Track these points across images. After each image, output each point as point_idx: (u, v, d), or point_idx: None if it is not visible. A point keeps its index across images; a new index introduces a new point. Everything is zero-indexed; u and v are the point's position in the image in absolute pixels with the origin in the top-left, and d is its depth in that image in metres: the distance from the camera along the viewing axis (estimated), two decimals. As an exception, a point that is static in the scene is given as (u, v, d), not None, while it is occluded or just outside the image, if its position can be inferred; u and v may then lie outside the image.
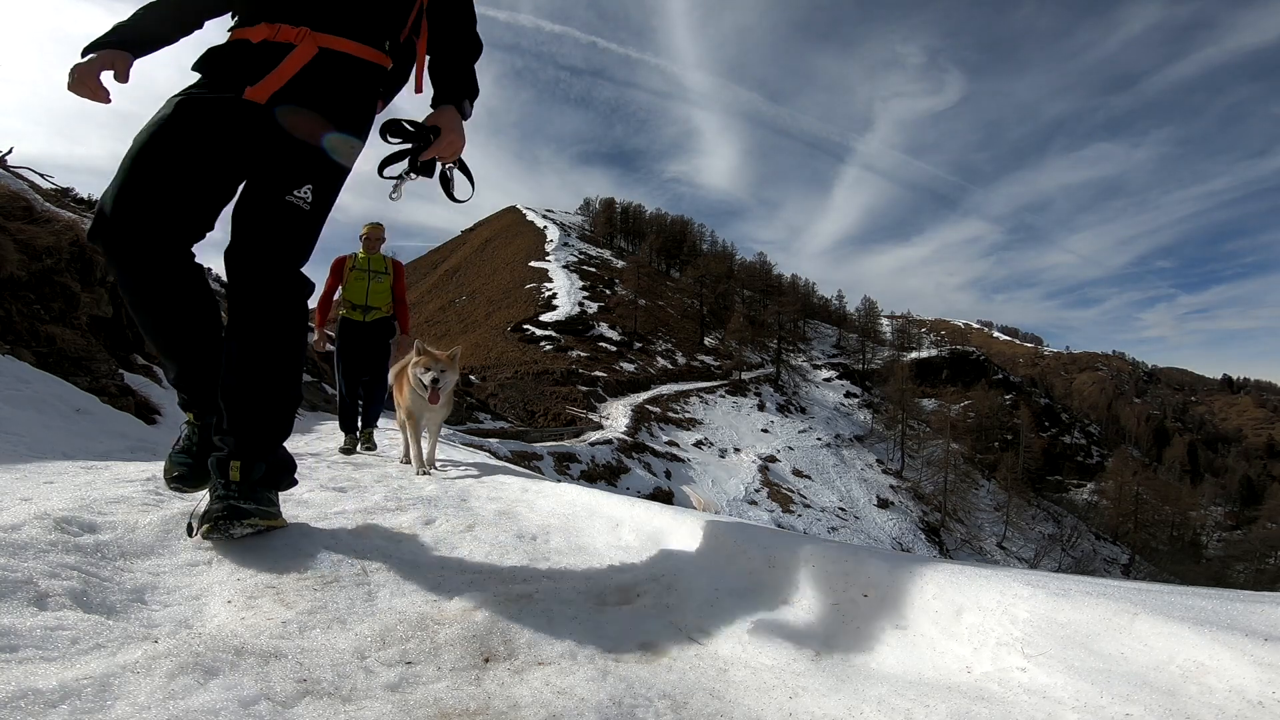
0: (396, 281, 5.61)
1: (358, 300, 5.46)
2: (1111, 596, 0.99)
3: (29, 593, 1.11)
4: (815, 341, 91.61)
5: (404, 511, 2.48)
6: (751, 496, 35.69)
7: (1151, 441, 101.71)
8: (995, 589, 1.09)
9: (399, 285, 5.62)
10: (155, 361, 7.62)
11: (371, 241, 5.60)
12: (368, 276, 5.51)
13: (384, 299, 5.54)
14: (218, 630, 1.11)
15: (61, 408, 4.90)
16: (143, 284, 1.65)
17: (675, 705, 0.94)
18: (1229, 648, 0.81)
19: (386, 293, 5.56)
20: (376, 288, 5.50)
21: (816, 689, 0.98)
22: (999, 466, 57.36)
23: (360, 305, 5.46)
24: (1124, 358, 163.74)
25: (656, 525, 2.03)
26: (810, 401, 62.99)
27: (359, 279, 5.48)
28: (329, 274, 5.58)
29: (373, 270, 5.53)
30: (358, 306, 5.46)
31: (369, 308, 5.48)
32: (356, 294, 5.46)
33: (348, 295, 5.46)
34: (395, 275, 5.60)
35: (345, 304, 5.47)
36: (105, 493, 2.06)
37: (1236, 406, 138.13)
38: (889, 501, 44.49)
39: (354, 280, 5.47)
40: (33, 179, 10.63)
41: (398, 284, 5.62)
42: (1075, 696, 0.85)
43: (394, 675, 0.98)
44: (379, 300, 5.52)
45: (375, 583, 1.47)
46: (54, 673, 0.85)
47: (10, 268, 5.71)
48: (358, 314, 5.48)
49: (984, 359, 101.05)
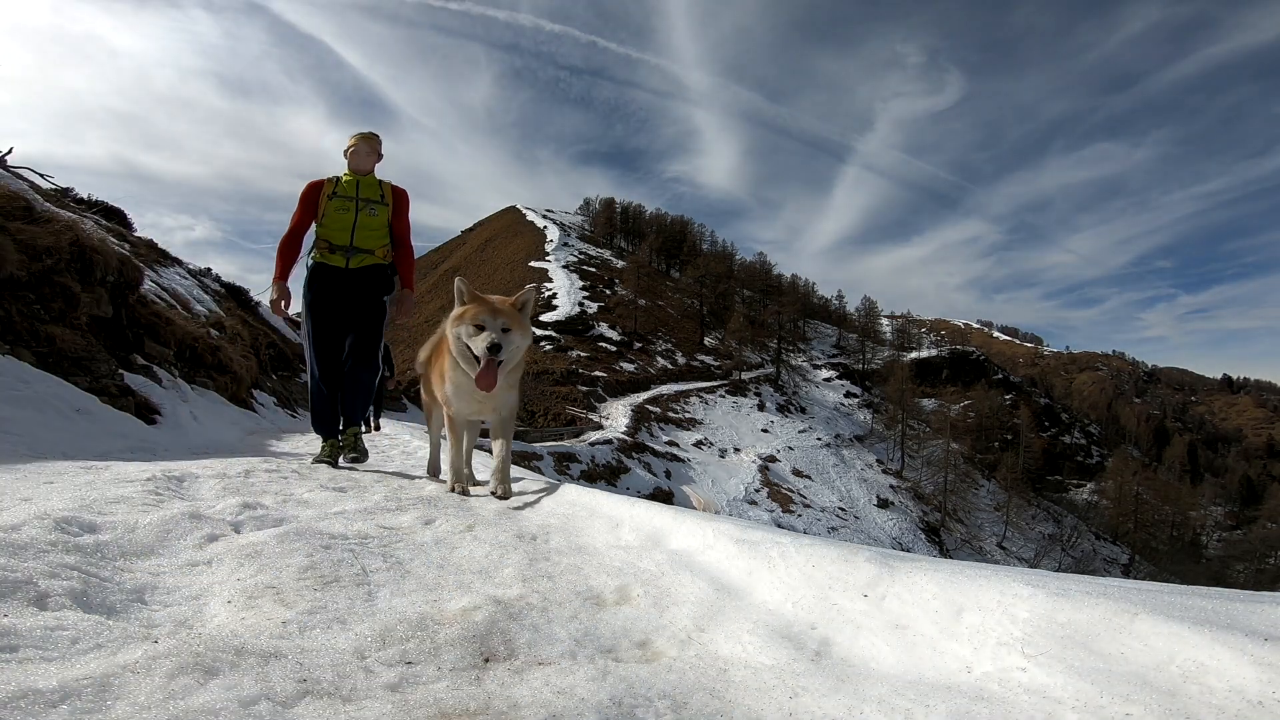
0: (398, 217, 4.05)
1: (339, 239, 3.88)
2: (1111, 596, 0.99)
3: (29, 593, 1.11)
4: (815, 341, 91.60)
5: (404, 511, 2.48)
6: (751, 496, 35.69)
7: (1151, 441, 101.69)
8: (995, 589, 1.09)
9: (401, 222, 4.06)
10: (155, 361, 7.62)
11: (361, 157, 3.98)
12: (355, 206, 3.89)
13: (377, 239, 3.95)
14: (218, 630, 1.11)
15: (61, 408, 4.90)
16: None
17: (675, 705, 0.94)
18: (1229, 648, 0.81)
19: (382, 231, 3.97)
20: (368, 223, 3.91)
21: (816, 689, 0.98)
22: (999, 466, 57.36)
23: (342, 247, 3.87)
24: (1124, 358, 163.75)
25: (656, 525, 2.02)
26: (810, 401, 62.99)
27: (342, 209, 3.88)
28: (298, 204, 3.96)
29: (363, 199, 3.91)
30: (338, 248, 3.87)
31: (354, 249, 3.88)
32: (337, 230, 3.89)
33: (325, 232, 3.91)
34: (396, 208, 4.03)
35: (321, 245, 3.92)
36: (105, 493, 2.06)
37: (1236, 406, 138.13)
38: (889, 501, 44.49)
39: (334, 211, 3.88)
40: (33, 179, 10.64)
41: (399, 220, 4.05)
42: (1075, 696, 0.85)
43: (394, 675, 0.98)
44: (370, 240, 3.92)
45: (375, 583, 1.47)
46: (54, 673, 0.85)
47: (10, 268, 5.71)
48: (337, 258, 3.87)
49: (984, 359, 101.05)
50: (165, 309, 9.46)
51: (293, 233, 3.98)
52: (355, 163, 4.01)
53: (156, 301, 9.40)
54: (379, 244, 3.99)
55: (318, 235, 3.94)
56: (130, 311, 7.69)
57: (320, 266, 3.94)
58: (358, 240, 3.92)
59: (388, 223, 4.04)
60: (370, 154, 4.04)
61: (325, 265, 3.92)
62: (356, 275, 3.94)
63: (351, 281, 3.94)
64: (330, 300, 3.93)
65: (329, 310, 3.93)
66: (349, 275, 3.93)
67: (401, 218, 4.09)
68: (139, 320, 7.96)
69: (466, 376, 2.74)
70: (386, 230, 4.03)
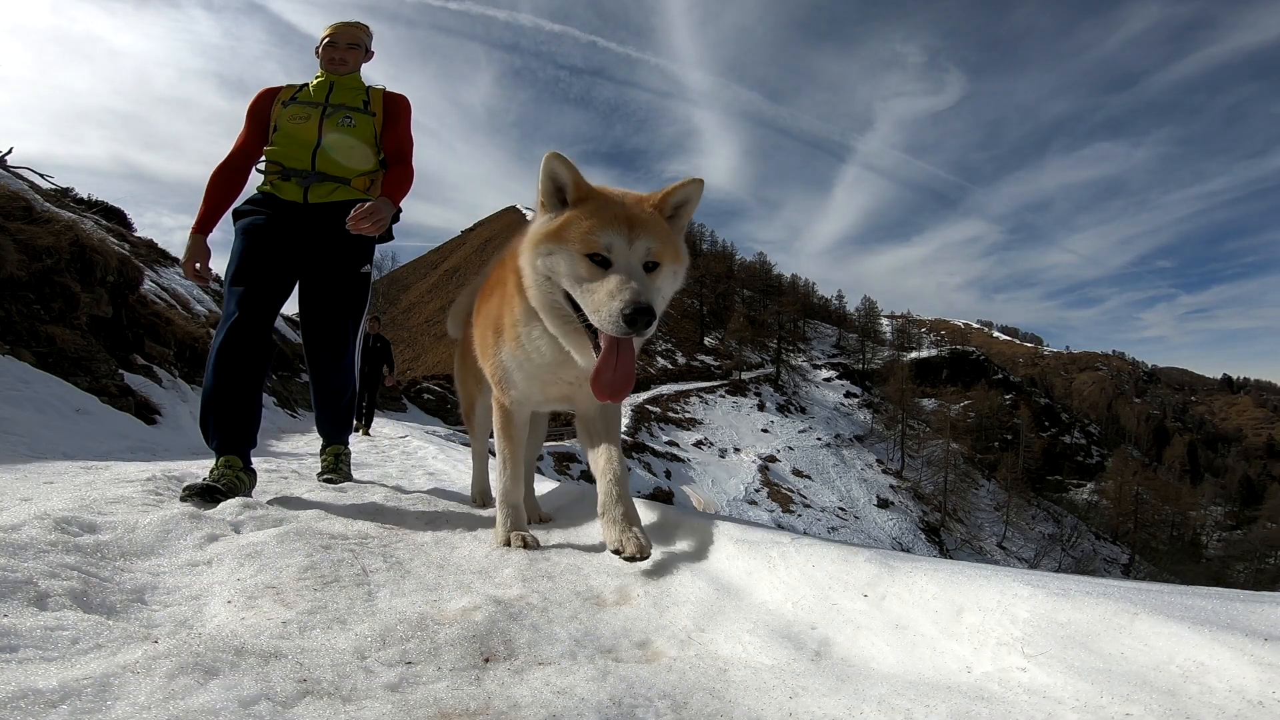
0: (393, 128, 2.88)
1: (294, 160, 2.73)
2: (1111, 596, 0.99)
3: (29, 593, 1.11)
4: (815, 341, 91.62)
5: (404, 511, 2.48)
6: (751, 496, 35.70)
7: (1151, 441, 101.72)
8: (995, 589, 1.09)
9: (397, 134, 2.88)
10: (155, 361, 7.62)
11: (339, 50, 2.88)
12: (319, 114, 2.76)
13: (355, 161, 2.79)
14: (218, 630, 1.11)
15: (61, 408, 4.90)
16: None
17: (675, 705, 0.94)
18: (1229, 647, 0.81)
19: (364, 150, 2.81)
20: (340, 138, 2.77)
21: (816, 689, 0.98)
22: (999, 466, 57.40)
23: (299, 171, 2.72)
24: (1124, 357, 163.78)
25: (656, 525, 2.02)
26: (810, 401, 63.00)
27: (299, 118, 2.76)
28: (245, 119, 2.85)
29: (335, 105, 2.79)
30: (294, 173, 2.72)
31: (317, 176, 2.72)
32: (292, 147, 2.74)
33: (275, 152, 2.76)
34: (389, 118, 2.88)
35: (271, 171, 2.78)
36: (105, 493, 2.06)
37: (1236, 406, 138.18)
38: (889, 501, 44.51)
39: (289, 122, 2.76)
40: (33, 179, 10.64)
41: (394, 132, 2.88)
42: (1075, 696, 0.85)
43: (394, 675, 0.98)
44: (343, 163, 2.77)
45: (375, 583, 1.47)
46: (54, 673, 0.85)
47: (10, 268, 5.70)
48: (292, 188, 2.72)
49: (984, 359, 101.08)
50: (165, 309, 9.46)
51: (228, 161, 2.79)
52: (331, 62, 2.85)
53: (156, 301, 9.41)
54: (358, 169, 2.77)
55: (267, 159, 2.78)
56: (130, 311, 7.69)
57: (268, 199, 2.76)
58: (322, 163, 2.72)
59: (374, 139, 2.83)
60: (351, 47, 2.90)
61: (274, 198, 2.75)
62: (320, 216, 2.73)
63: (312, 226, 2.72)
64: (275, 249, 2.65)
65: (271, 248, 2.64)
66: (308, 215, 2.72)
67: (398, 130, 2.89)
68: (139, 320, 7.96)
69: (555, 346, 1.73)
70: (371, 150, 2.82)
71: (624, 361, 1.55)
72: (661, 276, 1.61)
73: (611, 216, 1.55)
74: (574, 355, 1.68)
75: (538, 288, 1.64)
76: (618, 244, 1.52)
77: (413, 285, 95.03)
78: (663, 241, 1.59)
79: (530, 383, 1.89)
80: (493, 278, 2.11)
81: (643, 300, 1.43)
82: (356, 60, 2.95)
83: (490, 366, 1.98)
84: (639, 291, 1.45)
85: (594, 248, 1.52)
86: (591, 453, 1.89)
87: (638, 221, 1.56)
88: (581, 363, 1.67)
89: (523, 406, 2.00)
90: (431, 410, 27.22)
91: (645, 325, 1.44)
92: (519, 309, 1.79)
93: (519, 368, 1.86)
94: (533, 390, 1.92)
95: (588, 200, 1.60)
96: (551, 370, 1.82)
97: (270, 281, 2.61)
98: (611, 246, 1.51)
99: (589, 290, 1.51)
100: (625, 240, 1.52)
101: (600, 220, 1.54)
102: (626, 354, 1.56)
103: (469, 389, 2.65)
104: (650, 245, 1.56)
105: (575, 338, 1.65)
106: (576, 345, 1.66)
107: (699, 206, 1.75)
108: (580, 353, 1.65)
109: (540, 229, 1.63)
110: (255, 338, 2.53)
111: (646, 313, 1.43)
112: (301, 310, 2.87)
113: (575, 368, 1.74)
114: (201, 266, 2.72)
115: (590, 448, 1.92)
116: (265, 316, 2.58)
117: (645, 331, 1.46)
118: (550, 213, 1.64)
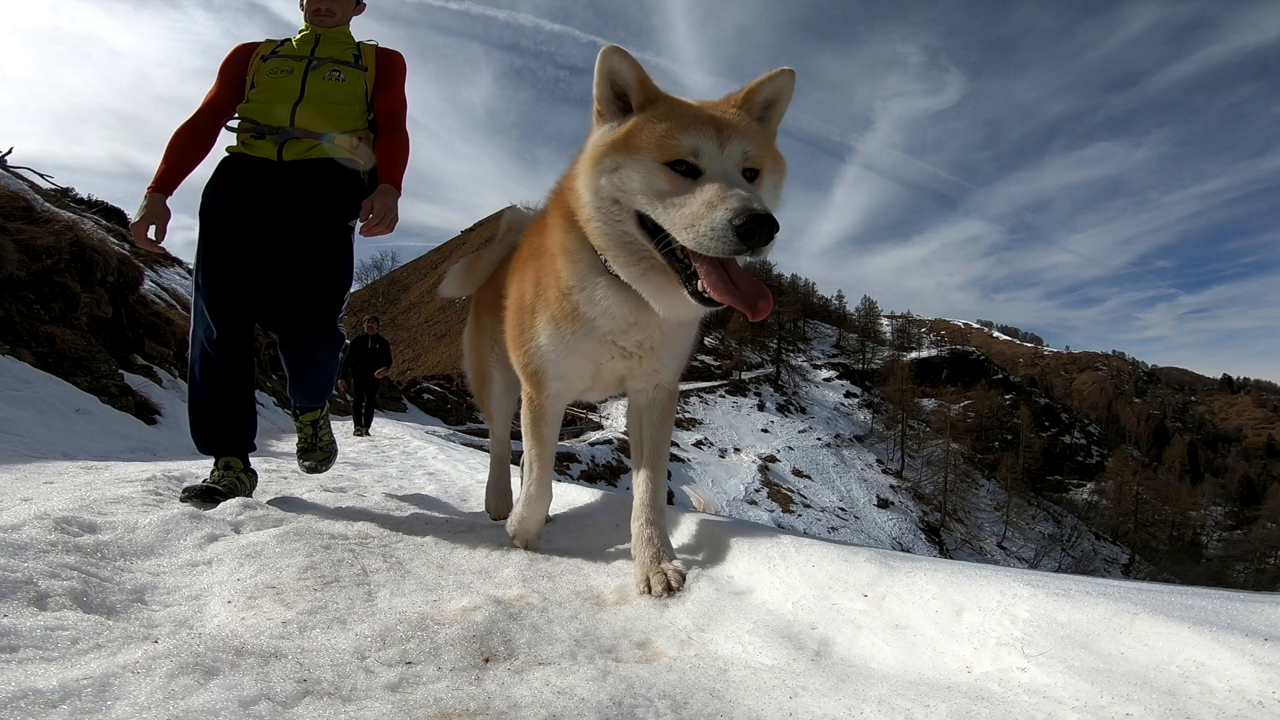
0: (385, 88, 2.60)
1: (271, 115, 2.43)
2: (1111, 596, 0.99)
3: (29, 593, 1.11)
4: (815, 341, 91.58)
5: (404, 511, 2.48)
6: (751, 496, 35.71)
7: (1151, 441, 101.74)
8: (995, 589, 1.09)
9: (391, 95, 2.61)
10: (155, 361, 7.62)
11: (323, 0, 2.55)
12: (304, 68, 2.48)
13: (340, 118, 2.49)
14: (218, 630, 1.11)
15: (61, 408, 4.90)
16: None
17: (675, 705, 0.94)
18: (1229, 647, 0.81)
19: (352, 107, 2.52)
20: (325, 90, 2.48)
21: (816, 689, 0.98)
22: (999, 466, 57.40)
23: (274, 128, 2.42)
24: (1124, 357, 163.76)
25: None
26: (810, 401, 63.00)
27: (280, 71, 2.48)
28: (217, 74, 2.57)
29: (322, 58, 2.52)
30: (269, 130, 2.42)
31: (297, 132, 2.42)
32: (270, 102, 2.44)
33: (251, 109, 2.46)
34: (382, 76, 2.61)
35: (244, 130, 2.47)
36: (105, 493, 2.06)
37: (1236, 406, 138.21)
38: (889, 501, 44.51)
39: (268, 76, 2.48)
40: (33, 179, 10.65)
41: (387, 91, 2.60)
42: (1075, 696, 0.85)
43: (394, 675, 0.98)
44: (326, 118, 2.46)
45: (375, 583, 1.47)
46: (54, 673, 0.85)
47: (10, 268, 5.70)
48: (265, 145, 2.42)
49: (984, 359, 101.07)
50: (165, 309, 9.46)
51: (195, 119, 2.49)
52: (314, 9, 2.56)
53: (156, 301, 9.41)
54: (344, 126, 2.47)
55: (240, 116, 2.46)
56: (130, 311, 7.69)
57: (237, 160, 2.44)
58: (303, 118, 2.41)
59: (364, 96, 2.55)
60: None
61: (245, 158, 2.43)
62: (296, 174, 2.41)
63: (287, 185, 2.40)
64: (246, 214, 2.36)
65: (242, 230, 2.35)
66: (283, 174, 2.40)
67: (393, 91, 2.60)
68: (139, 320, 7.96)
69: (626, 300, 1.44)
70: (360, 107, 2.54)
71: (742, 275, 1.25)
72: (763, 189, 1.31)
73: (693, 116, 1.27)
74: (652, 301, 1.37)
75: (602, 216, 1.33)
76: (706, 147, 1.23)
77: (413, 285, 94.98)
78: (760, 144, 1.31)
79: (581, 365, 1.56)
80: (524, 250, 1.78)
81: (758, 206, 1.11)
82: (345, 11, 2.63)
83: (523, 356, 1.64)
84: (749, 197, 1.14)
85: (676, 153, 1.23)
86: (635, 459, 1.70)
87: (726, 122, 1.28)
88: (661, 310, 1.37)
89: (561, 400, 1.68)
90: (431, 410, 27.23)
91: (766, 239, 1.12)
92: (569, 271, 1.47)
93: (569, 350, 1.53)
94: (582, 374, 1.59)
95: (657, 102, 1.32)
96: (616, 338, 1.50)
97: (243, 278, 2.33)
98: (699, 150, 1.23)
99: (674, 205, 1.20)
100: (715, 142, 1.24)
101: (680, 120, 1.26)
102: (738, 271, 1.26)
103: (484, 365, 2.23)
104: (746, 148, 1.27)
105: (655, 276, 1.34)
106: (656, 286, 1.34)
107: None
108: (658, 295, 1.35)
109: (601, 141, 1.32)
110: (234, 351, 2.34)
111: (767, 221, 1.10)
112: (277, 274, 2.41)
113: (645, 330, 1.47)
114: (158, 231, 2.33)
115: (635, 452, 1.71)
116: (242, 324, 2.36)
117: (765, 248, 1.15)
118: (610, 122, 1.35)
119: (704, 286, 1.22)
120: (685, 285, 1.27)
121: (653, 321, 1.46)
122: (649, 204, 1.25)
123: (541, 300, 1.56)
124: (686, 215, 1.18)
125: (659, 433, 1.68)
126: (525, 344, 1.62)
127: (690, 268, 1.25)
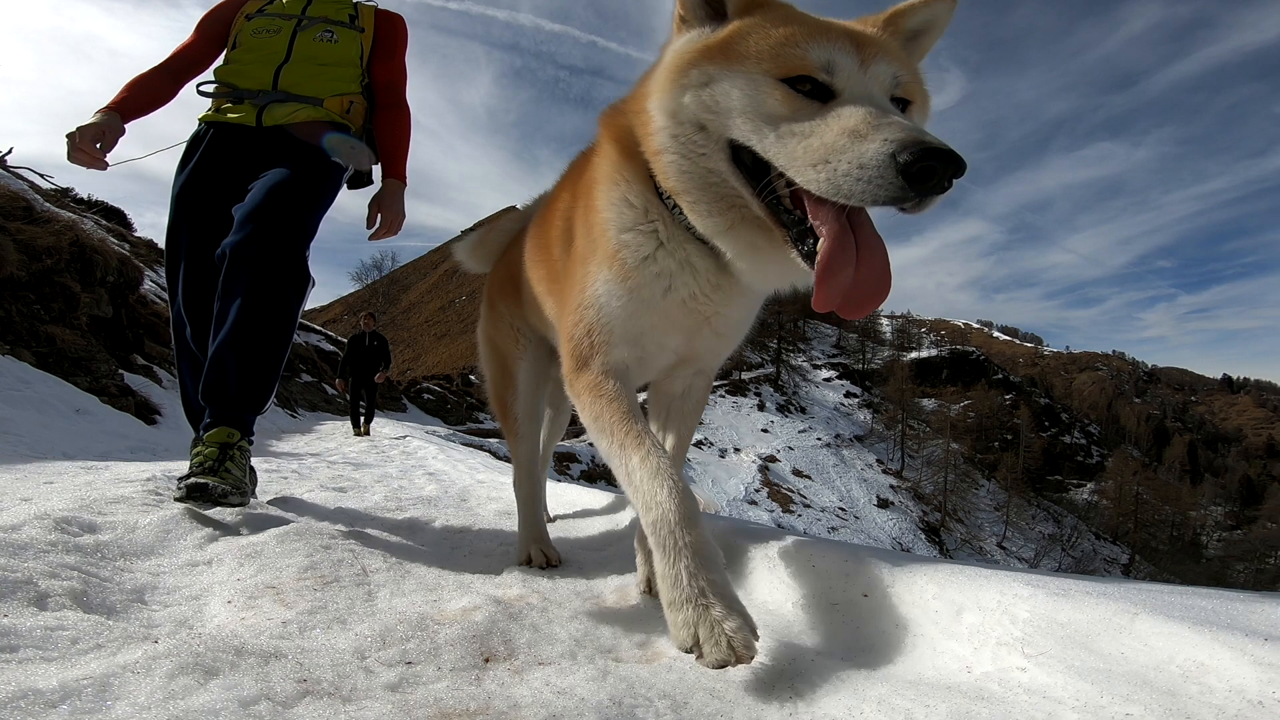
0: (383, 56, 2.40)
1: (252, 79, 2.21)
2: (1111, 596, 0.99)
3: (29, 593, 1.11)
4: (815, 341, 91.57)
5: (404, 511, 2.48)
6: (751, 496, 35.71)
7: (1151, 441, 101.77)
8: (995, 589, 1.09)
9: (390, 64, 2.41)
10: (155, 361, 7.63)
11: None
12: (293, 27, 2.26)
13: (331, 81, 2.26)
14: (218, 630, 1.11)
15: (61, 408, 4.91)
16: None
17: (675, 705, 0.94)
18: (1229, 647, 0.81)
19: (346, 70, 2.30)
20: (315, 51, 2.26)
21: (817, 689, 0.98)
22: (999, 466, 57.41)
23: (254, 91, 2.19)
24: (1124, 357, 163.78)
25: (656, 525, 2.02)
26: (810, 401, 63.00)
27: (266, 31, 2.25)
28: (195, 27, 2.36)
29: (314, 17, 2.30)
30: (248, 94, 2.19)
31: (280, 96, 2.19)
32: (252, 64, 2.23)
33: (228, 71, 2.25)
34: (381, 41, 2.39)
35: (220, 95, 2.25)
36: (105, 493, 2.06)
37: (1236, 406, 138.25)
38: (889, 501, 44.51)
39: (252, 35, 2.25)
40: (33, 179, 10.65)
41: (386, 60, 2.40)
42: (1075, 696, 0.85)
43: (394, 675, 0.98)
44: (315, 82, 2.24)
45: (375, 583, 1.47)
46: (54, 673, 0.85)
47: (10, 268, 5.71)
48: (243, 111, 2.19)
49: (984, 359, 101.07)
50: (165, 309, 9.46)
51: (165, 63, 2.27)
52: None
53: (156, 301, 9.41)
54: (334, 90, 2.24)
55: (216, 79, 2.24)
56: (130, 311, 7.70)
57: (209, 130, 2.20)
58: (288, 80, 2.18)
59: (359, 59, 2.32)
60: None
61: (221, 126, 2.19)
62: (276, 140, 2.17)
63: (266, 154, 2.14)
64: (222, 185, 2.12)
65: (218, 203, 2.10)
66: (260, 140, 2.17)
67: (394, 60, 2.40)
68: (139, 320, 7.97)
69: (702, 250, 1.11)
70: (354, 71, 2.31)
71: (873, 244, 0.90)
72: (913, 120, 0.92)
73: (823, 25, 0.93)
74: (739, 263, 1.04)
75: (680, 146, 1.00)
76: (843, 62, 0.90)
77: (413, 285, 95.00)
78: (911, 71, 0.98)
79: (653, 331, 1.15)
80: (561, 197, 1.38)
81: (932, 139, 0.78)
82: None
83: (573, 314, 1.18)
84: (912, 126, 0.81)
85: (800, 66, 0.89)
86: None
87: (867, 38, 0.95)
88: (750, 276, 1.06)
89: (626, 375, 1.17)
90: (431, 410, 27.21)
91: (945, 184, 0.80)
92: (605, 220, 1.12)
93: (640, 306, 1.12)
94: (647, 344, 1.17)
95: (767, 7, 0.98)
96: (694, 303, 1.13)
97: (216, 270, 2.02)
98: (834, 64, 0.89)
99: (795, 134, 0.87)
100: (854, 58, 0.90)
101: (806, 28, 0.92)
102: (870, 236, 0.91)
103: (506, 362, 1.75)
104: (897, 72, 0.94)
105: (746, 231, 1.01)
106: (746, 244, 1.02)
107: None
108: (749, 255, 1.02)
109: (689, 47, 0.99)
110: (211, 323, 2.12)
111: (949, 158, 0.77)
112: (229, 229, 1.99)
113: (721, 301, 1.13)
114: (105, 144, 2.05)
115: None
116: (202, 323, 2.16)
117: (937, 198, 0.84)
118: (698, 28, 1.01)
119: (822, 249, 0.87)
120: (795, 246, 0.93)
121: (733, 289, 1.13)
122: (754, 131, 0.91)
123: (605, 235, 1.15)
124: (816, 147, 0.84)
125: (687, 427, 1.40)
126: (578, 294, 1.18)
127: (806, 222, 0.91)
